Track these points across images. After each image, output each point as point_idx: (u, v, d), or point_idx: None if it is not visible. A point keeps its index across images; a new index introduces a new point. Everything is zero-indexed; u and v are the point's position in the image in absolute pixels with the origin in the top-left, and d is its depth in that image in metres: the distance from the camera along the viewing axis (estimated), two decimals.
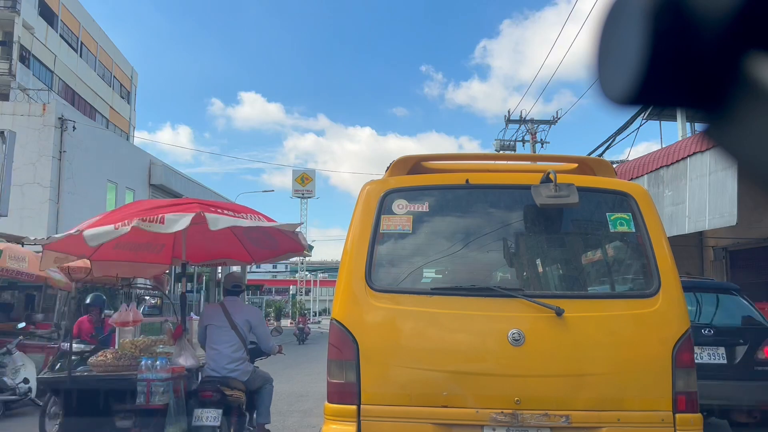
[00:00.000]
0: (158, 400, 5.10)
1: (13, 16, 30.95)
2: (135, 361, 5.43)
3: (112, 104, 42.58)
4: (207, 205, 5.39)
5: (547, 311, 3.34)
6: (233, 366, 5.61)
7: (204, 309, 7.25)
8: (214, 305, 6.20)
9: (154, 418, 5.12)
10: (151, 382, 5.10)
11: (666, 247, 3.54)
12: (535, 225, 3.79)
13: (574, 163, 4.13)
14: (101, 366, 5.43)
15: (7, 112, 17.90)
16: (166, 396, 5.14)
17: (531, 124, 24.96)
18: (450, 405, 3.33)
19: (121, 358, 5.50)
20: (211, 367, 5.64)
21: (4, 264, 9.67)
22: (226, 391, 5.38)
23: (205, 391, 5.35)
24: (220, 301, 6.27)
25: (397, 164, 3.93)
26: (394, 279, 3.61)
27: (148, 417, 5.15)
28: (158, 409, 5.10)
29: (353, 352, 3.39)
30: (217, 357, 5.61)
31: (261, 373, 6.00)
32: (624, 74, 0.64)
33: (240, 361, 5.67)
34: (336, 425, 3.38)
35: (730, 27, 0.59)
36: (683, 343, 3.34)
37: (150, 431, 5.16)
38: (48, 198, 17.31)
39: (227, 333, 5.68)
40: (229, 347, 5.65)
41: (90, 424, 5.31)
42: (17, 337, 9.84)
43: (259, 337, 5.99)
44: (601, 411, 3.29)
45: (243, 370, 5.69)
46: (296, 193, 57.17)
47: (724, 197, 10.15)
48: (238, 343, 5.69)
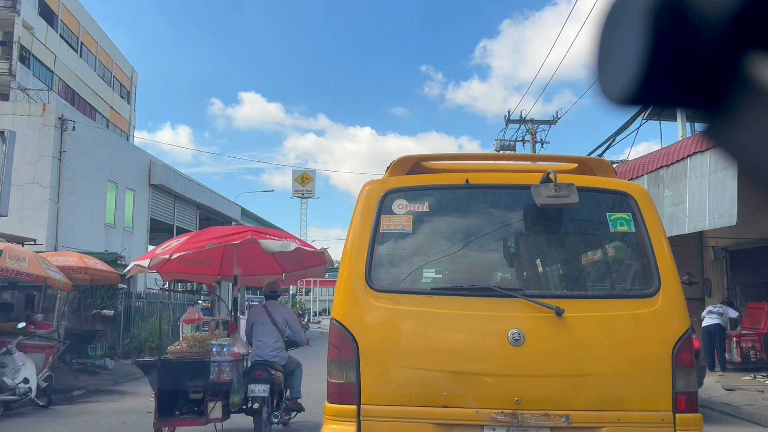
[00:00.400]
0: (225, 376, 6.78)
1: (13, 16, 30.94)
2: (201, 348, 7.08)
3: (112, 104, 42.56)
4: (258, 231, 7.27)
5: (547, 311, 3.34)
6: (274, 353, 7.19)
7: (250, 310, 9.07)
8: (258, 307, 7.80)
9: (221, 391, 6.80)
10: (221, 363, 6.78)
11: (666, 247, 3.54)
12: (535, 225, 3.79)
13: (574, 163, 4.13)
14: (178, 352, 7.15)
15: (7, 112, 17.88)
16: (231, 373, 6.82)
17: (531, 124, 24.96)
18: (450, 405, 3.32)
19: (193, 346, 7.16)
20: (257, 354, 7.20)
21: (4, 264, 9.67)
22: (271, 372, 7.01)
23: (256, 370, 7.00)
24: (263, 303, 7.83)
25: (397, 164, 3.93)
26: (394, 279, 3.61)
27: (217, 389, 6.81)
28: (224, 383, 6.79)
29: (353, 352, 3.38)
30: (262, 346, 7.20)
31: (294, 359, 7.62)
32: (624, 74, 0.64)
33: (279, 349, 7.26)
34: (336, 425, 3.38)
35: (730, 27, 0.59)
36: (683, 343, 3.34)
37: (219, 399, 6.81)
38: (48, 198, 17.30)
39: (269, 328, 7.26)
40: (270, 339, 7.21)
41: (173, 395, 6.95)
42: (17, 337, 9.84)
43: (293, 332, 7.53)
44: (601, 411, 3.29)
45: (282, 356, 7.28)
46: (296, 193, 57.20)
47: (724, 197, 10.14)
48: (277, 336, 7.25)
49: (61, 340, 11.99)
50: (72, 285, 12.25)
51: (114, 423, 8.85)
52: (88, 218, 18.99)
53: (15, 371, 9.34)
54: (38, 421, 9.03)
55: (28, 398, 9.40)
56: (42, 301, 13.00)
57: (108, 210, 20.37)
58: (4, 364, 9.32)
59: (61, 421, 9.02)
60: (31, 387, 9.35)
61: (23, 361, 9.55)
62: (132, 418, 9.23)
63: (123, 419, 9.12)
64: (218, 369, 6.78)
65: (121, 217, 21.28)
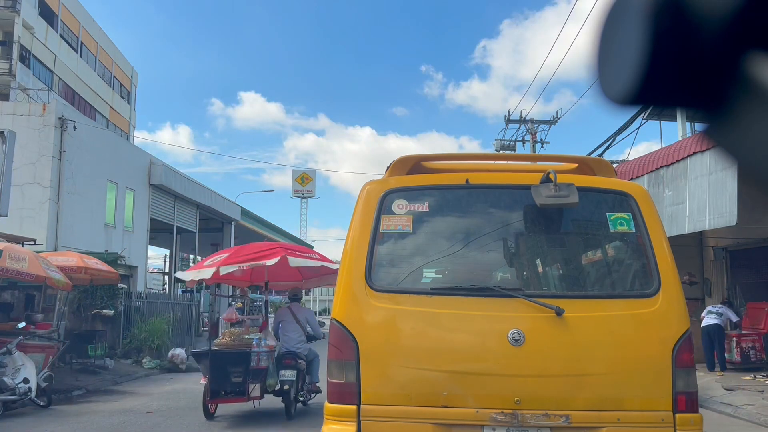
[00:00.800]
0: (263, 363, 8.65)
1: (13, 16, 30.93)
2: (240, 342, 8.91)
3: (112, 104, 42.55)
4: (287, 248, 9.39)
5: (547, 311, 3.33)
6: (298, 345, 9.06)
7: (277, 311, 11.18)
8: (284, 308, 9.70)
9: (259, 375, 8.65)
10: (259, 353, 8.65)
11: (666, 247, 3.54)
12: (535, 225, 3.79)
13: (574, 163, 4.13)
14: (223, 345, 8.96)
15: (7, 112, 17.86)
16: (267, 361, 8.69)
17: (531, 124, 24.97)
18: (450, 405, 3.32)
19: (234, 340, 8.99)
20: (285, 347, 9.07)
21: (4, 264, 9.66)
22: (297, 360, 8.89)
23: (286, 359, 8.90)
24: (287, 305, 9.70)
25: (397, 164, 3.93)
26: (394, 279, 3.61)
27: (256, 374, 8.65)
28: (262, 369, 8.64)
29: (353, 352, 3.38)
30: (288, 340, 9.11)
31: (313, 350, 9.34)
32: (624, 74, 0.64)
33: (302, 342, 9.12)
34: (336, 425, 3.38)
35: (730, 27, 0.59)
36: (683, 343, 3.34)
37: (257, 382, 8.63)
38: (48, 198, 17.28)
39: (294, 325, 9.16)
40: (295, 334, 9.12)
41: (220, 379, 8.72)
42: (17, 337, 9.83)
43: (313, 328, 9.32)
44: (601, 411, 3.28)
45: (304, 348, 9.13)
46: (296, 193, 57.23)
47: (724, 197, 10.14)
48: (300, 331, 9.14)
49: (61, 340, 11.99)
50: (72, 285, 12.25)
51: (114, 423, 8.84)
52: (88, 218, 18.98)
53: (15, 371, 9.33)
54: (38, 421, 9.02)
55: (28, 398, 9.39)
56: (42, 301, 12.99)
57: (108, 210, 20.35)
58: (4, 364, 9.31)
59: (61, 421, 9.02)
60: (31, 387, 9.34)
61: (23, 361, 9.55)
62: (132, 417, 9.23)
63: (123, 419, 9.12)
64: (257, 358, 8.60)
65: (121, 217, 21.28)
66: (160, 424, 8.73)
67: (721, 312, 13.13)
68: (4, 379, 9.12)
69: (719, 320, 12.97)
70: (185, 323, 21.17)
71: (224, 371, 8.62)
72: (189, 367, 16.71)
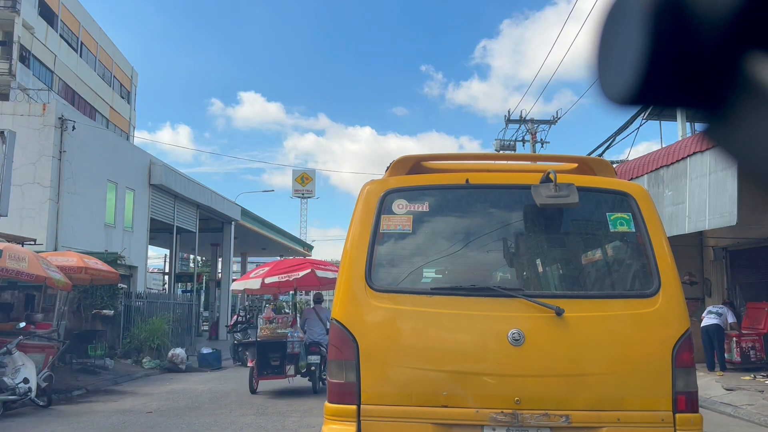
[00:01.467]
0: (296, 349, 11.84)
1: (13, 16, 30.93)
2: (277, 333, 12.09)
3: (112, 104, 42.55)
4: (313, 263, 13.23)
5: (547, 311, 3.33)
6: (321, 337, 11.83)
7: (304, 311, 14.31)
8: (310, 309, 13.12)
9: (293, 359, 11.79)
10: (293, 342, 11.87)
11: (666, 247, 3.54)
12: (535, 225, 3.78)
13: (574, 163, 4.13)
14: (265, 336, 12.05)
15: (7, 112, 17.86)
16: (299, 348, 11.84)
17: (531, 124, 24.97)
18: (450, 405, 3.32)
19: (273, 332, 12.12)
20: (311, 338, 11.99)
21: (4, 264, 9.67)
22: (321, 348, 11.62)
23: (312, 347, 11.79)
24: (312, 306, 13.25)
25: (397, 164, 3.93)
26: (394, 279, 3.61)
27: (291, 358, 11.82)
28: (295, 354, 11.78)
29: (353, 352, 3.38)
30: (313, 333, 12.08)
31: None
32: (624, 74, 0.64)
33: (324, 334, 11.72)
34: (336, 425, 3.38)
35: (730, 27, 0.59)
36: (683, 343, 3.34)
37: (292, 364, 11.84)
38: (48, 198, 17.28)
39: (317, 322, 12.22)
40: (318, 328, 12.09)
41: (263, 362, 11.82)
42: (17, 337, 9.84)
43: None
44: (601, 411, 3.28)
45: (325, 339, 11.23)
46: (296, 192, 57.23)
47: (724, 197, 10.14)
48: (322, 326, 12.01)
49: (61, 340, 11.99)
50: (72, 285, 12.26)
51: (114, 423, 8.85)
52: (88, 218, 18.97)
53: (15, 371, 9.33)
54: (38, 421, 9.03)
55: (28, 398, 9.39)
56: (42, 301, 13.00)
57: (108, 210, 20.35)
58: (4, 364, 9.31)
59: (61, 421, 9.02)
60: (30, 387, 9.35)
61: (23, 361, 9.55)
62: (132, 417, 9.24)
63: (123, 419, 9.12)
64: (292, 345, 11.84)
65: (121, 217, 21.27)
66: (160, 424, 8.73)
67: (720, 312, 13.14)
68: (4, 379, 9.12)
69: (719, 320, 12.97)
70: (185, 323, 21.19)
71: (266, 356, 11.77)
72: (189, 367, 16.73)
